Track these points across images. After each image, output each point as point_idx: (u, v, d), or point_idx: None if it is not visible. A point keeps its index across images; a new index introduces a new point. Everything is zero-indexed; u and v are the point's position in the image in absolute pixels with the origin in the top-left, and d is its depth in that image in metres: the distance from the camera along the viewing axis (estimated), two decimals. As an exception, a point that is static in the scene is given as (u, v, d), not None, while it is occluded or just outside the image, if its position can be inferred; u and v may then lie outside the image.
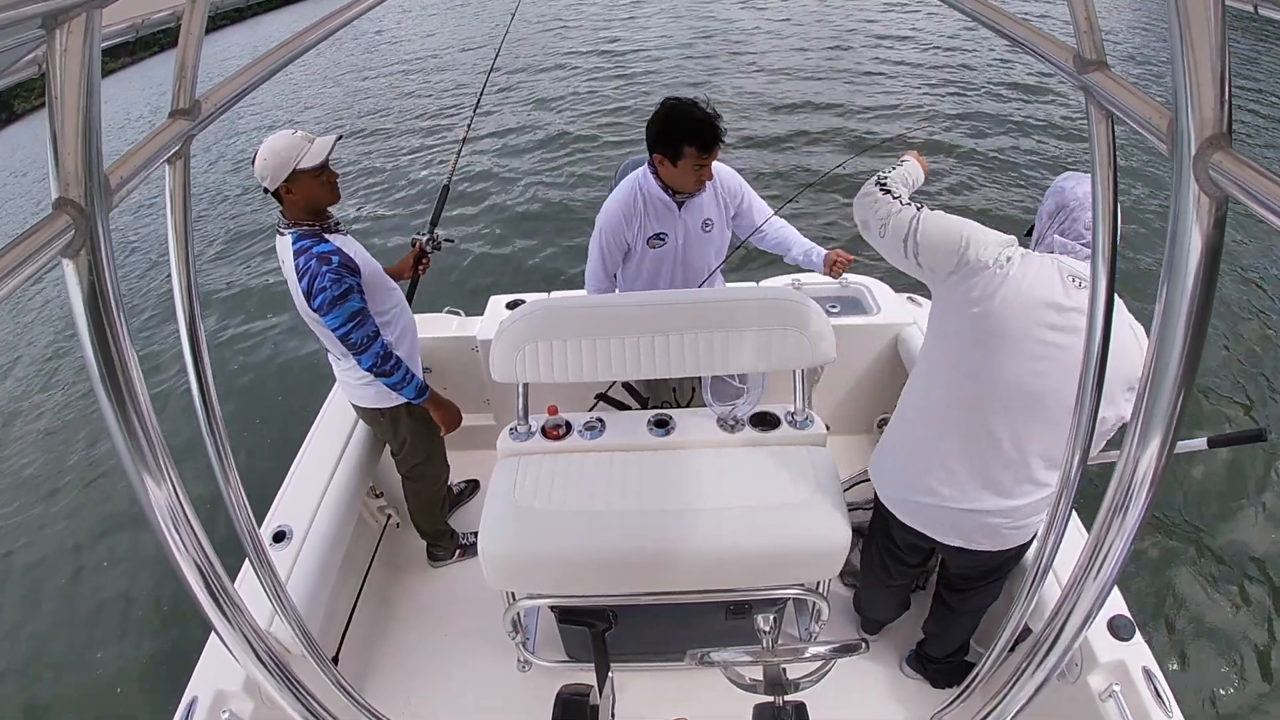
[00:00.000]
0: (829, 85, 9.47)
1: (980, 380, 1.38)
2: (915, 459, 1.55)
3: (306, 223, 1.86)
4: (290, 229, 1.86)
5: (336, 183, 1.89)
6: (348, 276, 1.83)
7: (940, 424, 1.49)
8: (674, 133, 1.90)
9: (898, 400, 1.64)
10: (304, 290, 1.82)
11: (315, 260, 1.81)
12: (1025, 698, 0.76)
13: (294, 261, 1.83)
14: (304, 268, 1.81)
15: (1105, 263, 0.67)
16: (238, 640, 0.71)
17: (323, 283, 1.79)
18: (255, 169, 1.81)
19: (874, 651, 2.08)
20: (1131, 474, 0.56)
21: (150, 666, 3.08)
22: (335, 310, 1.82)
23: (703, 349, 1.56)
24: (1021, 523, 1.49)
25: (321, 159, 1.81)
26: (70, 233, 0.48)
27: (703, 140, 1.88)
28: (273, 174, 1.78)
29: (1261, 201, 0.39)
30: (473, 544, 2.49)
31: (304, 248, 1.83)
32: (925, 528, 1.59)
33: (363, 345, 1.89)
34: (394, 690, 2.13)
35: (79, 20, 0.47)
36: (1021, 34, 0.69)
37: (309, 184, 1.82)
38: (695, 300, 1.64)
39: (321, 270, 1.80)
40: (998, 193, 6.33)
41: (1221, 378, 3.90)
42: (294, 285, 1.86)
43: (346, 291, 1.82)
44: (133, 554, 3.74)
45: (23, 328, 7.05)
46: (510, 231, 6.51)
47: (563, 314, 1.62)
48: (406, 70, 14.02)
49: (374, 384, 2.05)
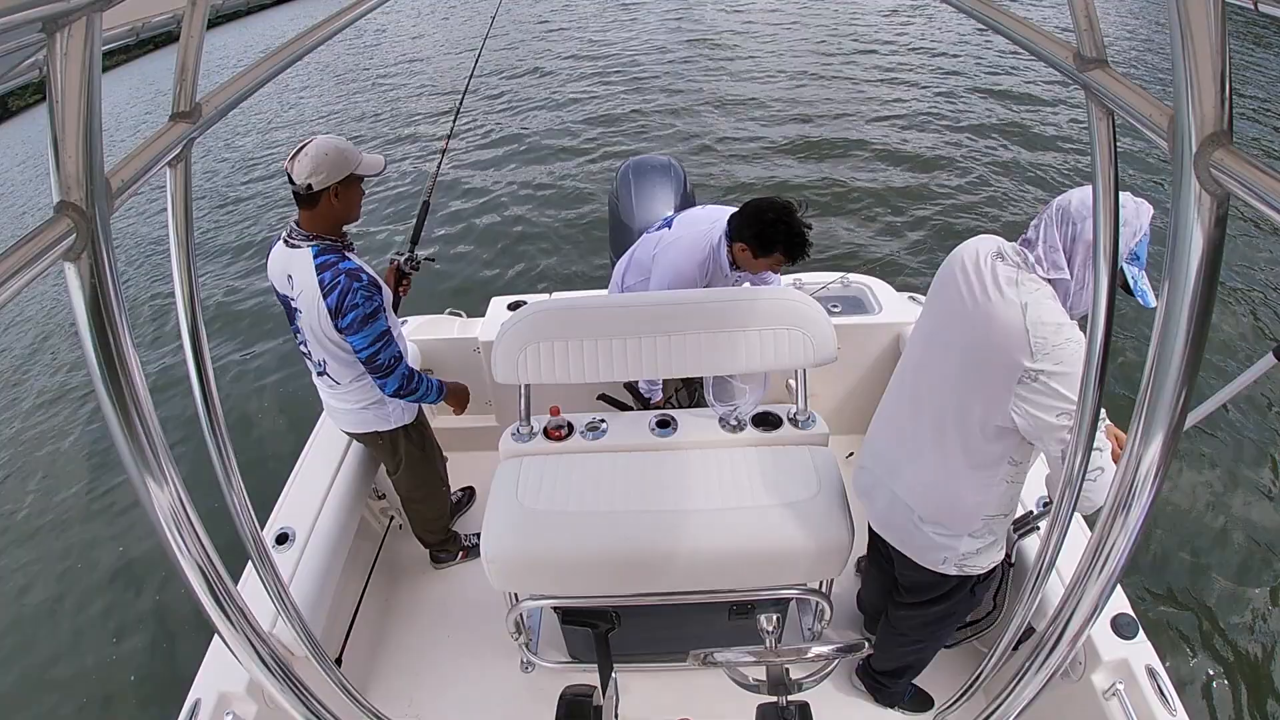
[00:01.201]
0: (828, 89, 9.47)
1: (911, 363, 1.53)
2: (869, 436, 1.66)
3: (329, 238, 1.78)
4: (309, 242, 1.76)
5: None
6: (377, 295, 1.76)
7: (885, 404, 1.62)
8: (773, 239, 1.91)
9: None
10: (331, 307, 1.73)
11: (345, 276, 1.72)
12: (1029, 696, 0.76)
13: (317, 276, 1.73)
14: (332, 283, 1.72)
15: (1106, 262, 0.67)
16: (241, 642, 0.71)
17: (355, 299, 1.72)
18: (303, 166, 1.69)
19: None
20: (1134, 472, 0.55)
21: (153, 669, 3.09)
22: (365, 330, 1.75)
23: (705, 349, 1.56)
24: (929, 532, 1.47)
25: (377, 170, 1.79)
26: (71, 236, 0.49)
27: (795, 255, 1.92)
28: (329, 171, 1.69)
29: (1263, 198, 0.39)
30: (475, 545, 2.50)
31: (329, 262, 1.74)
32: (863, 497, 1.65)
33: (389, 367, 1.84)
34: (397, 692, 2.13)
35: (79, 24, 0.47)
36: (1021, 32, 0.69)
37: (355, 192, 1.77)
38: (697, 301, 1.64)
39: (354, 286, 1.72)
40: (1001, 197, 6.32)
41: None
42: (311, 301, 1.76)
43: (376, 310, 1.76)
44: (135, 555, 3.74)
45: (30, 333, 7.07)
46: (510, 233, 6.52)
47: (564, 315, 1.62)
48: (386, 76, 13.99)
49: (368, 409, 2.01)
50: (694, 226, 2.08)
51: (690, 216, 2.14)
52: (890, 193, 6.42)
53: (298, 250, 1.77)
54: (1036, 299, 1.25)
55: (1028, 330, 1.23)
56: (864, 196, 6.42)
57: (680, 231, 2.10)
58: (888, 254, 5.52)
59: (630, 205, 2.56)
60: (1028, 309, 1.24)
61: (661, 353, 1.57)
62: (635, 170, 2.64)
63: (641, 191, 2.57)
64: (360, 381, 1.95)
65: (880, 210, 6.17)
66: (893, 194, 6.40)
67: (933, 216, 5.97)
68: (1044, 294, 1.26)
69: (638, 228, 2.53)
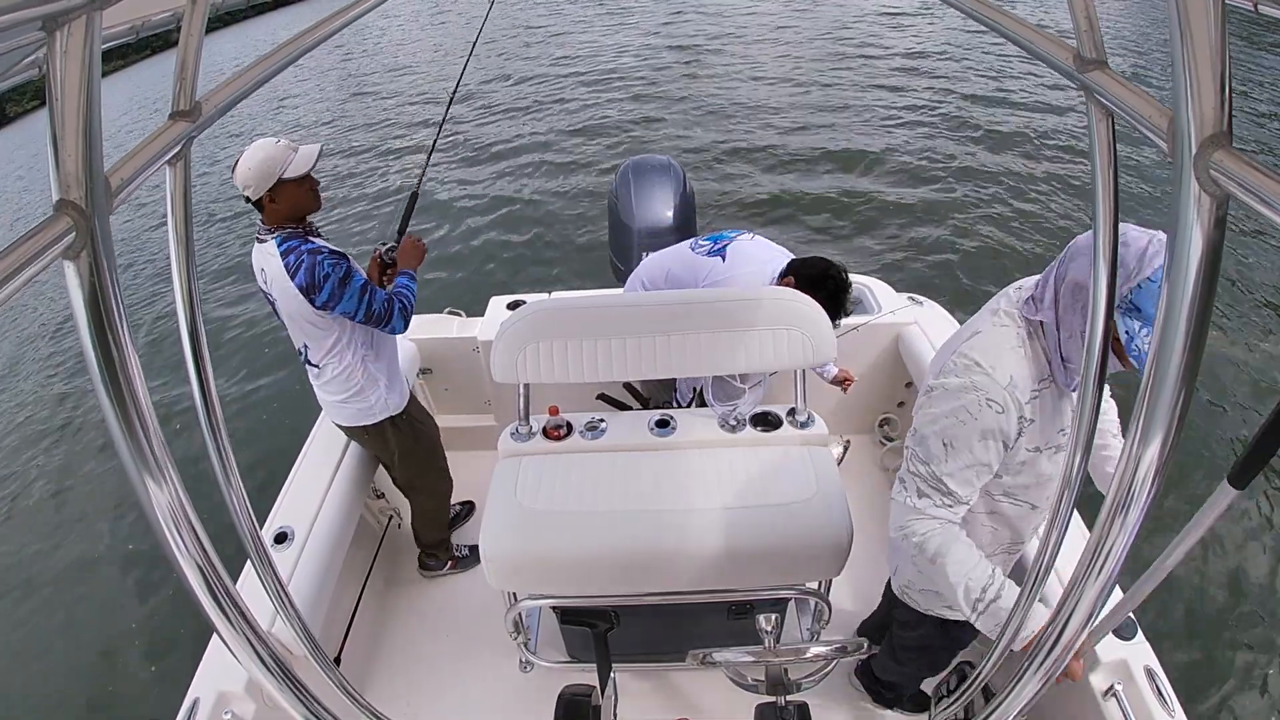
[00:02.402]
0: (827, 93, 9.47)
1: None
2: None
3: (290, 227, 1.85)
4: (272, 234, 1.84)
5: (318, 190, 1.88)
6: (343, 260, 1.83)
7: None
8: (838, 301, 1.98)
9: (898, 400, 1.64)
10: (302, 285, 1.79)
11: (308, 255, 1.79)
12: (1028, 696, 0.76)
13: (283, 261, 1.80)
14: (296, 264, 1.79)
15: (1106, 263, 0.67)
16: (240, 642, 0.71)
17: (324, 269, 1.78)
18: (236, 177, 1.77)
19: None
20: (1133, 472, 0.56)
21: (153, 668, 3.09)
22: (345, 292, 1.82)
23: (704, 349, 1.56)
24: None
25: (306, 169, 1.79)
26: (71, 235, 0.48)
27: (837, 316, 1.98)
28: (256, 183, 1.75)
29: (1262, 200, 0.39)
30: (465, 557, 2.50)
31: (292, 247, 1.81)
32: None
33: (387, 313, 1.91)
34: (396, 691, 2.13)
35: (79, 22, 0.47)
36: (1021, 33, 0.69)
37: (293, 192, 1.81)
38: (697, 300, 1.64)
39: (318, 260, 1.79)
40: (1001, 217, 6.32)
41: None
42: (285, 288, 1.82)
43: (348, 273, 1.82)
44: (134, 554, 3.74)
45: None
46: (510, 232, 6.52)
47: (563, 314, 1.62)
48: (379, 75, 13.97)
49: (348, 402, 2.04)
50: (748, 265, 2.09)
51: (744, 253, 2.12)
52: (891, 193, 6.42)
53: (263, 244, 1.86)
54: (990, 333, 1.18)
55: (955, 352, 1.20)
56: (864, 197, 6.42)
57: (736, 269, 2.09)
58: (888, 254, 5.52)
59: (630, 205, 2.56)
60: (975, 336, 1.20)
61: (661, 352, 1.57)
62: (635, 170, 2.64)
63: (641, 191, 2.58)
64: (339, 370, 1.99)
65: (881, 210, 6.17)
66: (893, 194, 6.40)
67: (933, 217, 5.97)
68: (1003, 334, 1.17)
69: (637, 227, 2.53)
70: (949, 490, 1.19)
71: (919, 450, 1.21)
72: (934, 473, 1.19)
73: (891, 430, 2.81)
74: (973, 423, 1.14)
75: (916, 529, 1.22)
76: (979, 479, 1.19)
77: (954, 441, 1.16)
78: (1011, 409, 1.13)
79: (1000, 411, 1.13)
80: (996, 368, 1.14)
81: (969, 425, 1.14)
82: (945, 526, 1.21)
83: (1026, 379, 1.14)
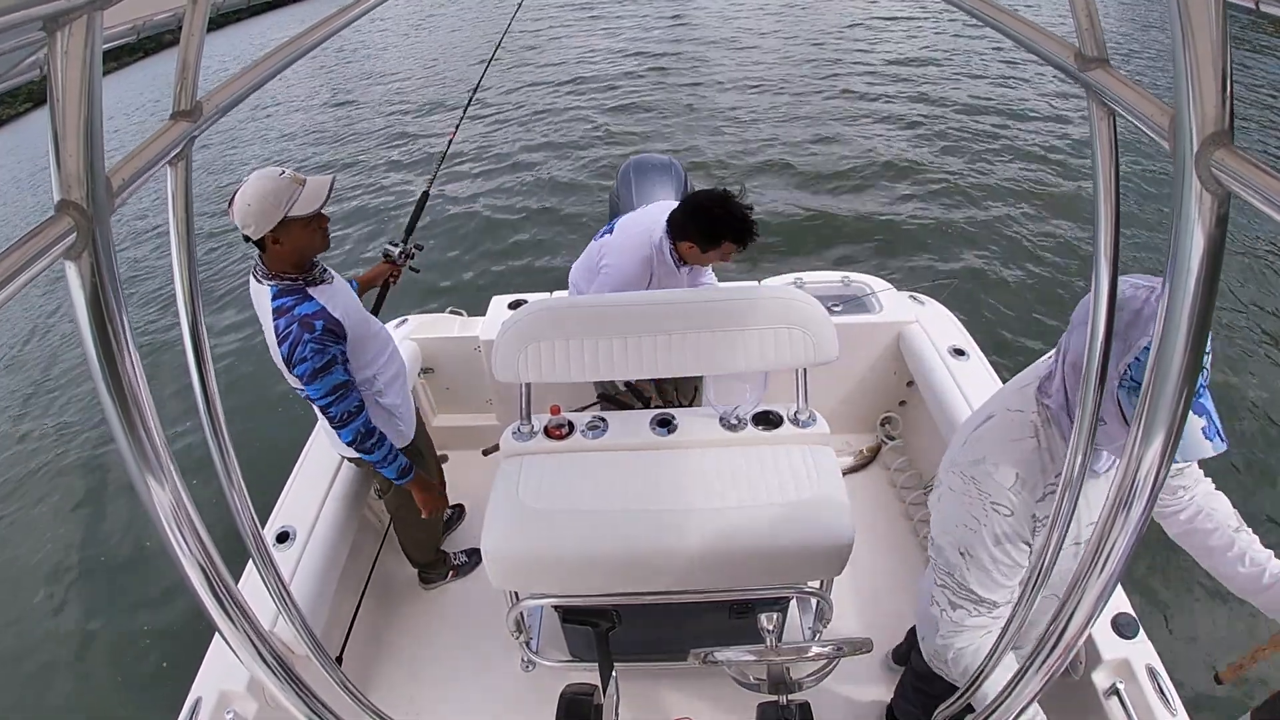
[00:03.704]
0: (827, 92, 9.46)
1: None
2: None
3: (290, 276, 1.67)
4: (270, 280, 1.66)
5: (328, 229, 1.69)
6: (331, 345, 1.66)
7: None
8: (719, 230, 1.95)
9: (899, 399, 1.64)
10: (284, 356, 1.66)
11: (297, 326, 1.62)
12: (1029, 695, 0.76)
13: (274, 321, 1.65)
14: (284, 332, 1.63)
15: (1107, 262, 0.67)
16: (241, 641, 0.70)
17: (304, 352, 1.62)
18: (234, 213, 1.55)
19: (877, 651, 2.07)
20: (1135, 471, 0.55)
21: (154, 667, 3.09)
22: (318, 382, 1.67)
23: (705, 348, 1.56)
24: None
25: (316, 206, 1.59)
26: (72, 235, 0.48)
27: (743, 240, 1.96)
28: (257, 222, 1.54)
29: (1264, 198, 0.39)
30: (465, 564, 2.47)
31: (285, 307, 1.63)
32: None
33: (343, 420, 1.75)
34: (398, 690, 2.13)
35: (80, 22, 0.47)
36: (1022, 31, 0.69)
37: (299, 233, 1.61)
38: (698, 300, 1.64)
39: (304, 338, 1.62)
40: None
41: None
42: (272, 342, 1.70)
43: (329, 364, 1.66)
44: (135, 554, 3.75)
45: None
46: (511, 231, 6.52)
47: (565, 314, 1.62)
48: (393, 77, 13.99)
49: (332, 432, 1.92)
50: (634, 228, 2.12)
51: (630, 219, 2.18)
52: (891, 194, 6.42)
53: (259, 286, 1.69)
54: (1001, 418, 1.11)
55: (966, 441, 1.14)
56: (864, 197, 6.41)
57: (621, 235, 2.14)
58: (889, 254, 5.51)
59: (631, 204, 2.56)
60: (989, 421, 1.13)
61: (662, 351, 1.57)
62: (636, 169, 2.64)
63: (642, 190, 2.58)
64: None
65: (881, 211, 6.16)
66: (893, 195, 6.39)
67: (934, 217, 5.96)
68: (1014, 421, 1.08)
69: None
70: (980, 599, 1.12)
71: (939, 561, 1.16)
72: (960, 582, 1.13)
73: (893, 429, 2.81)
74: (982, 530, 1.08)
75: (954, 644, 1.16)
76: (1007, 579, 1.11)
77: (970, 550, 1.10)
78: (1020, 510, 1.06)
79: (1008, 514, 1.06)
80: (1000, 465, 1.07)
81: (979, 532, 1.09)
82: (984, 639, 1.15)
83: (1036, 476, 1.05)
